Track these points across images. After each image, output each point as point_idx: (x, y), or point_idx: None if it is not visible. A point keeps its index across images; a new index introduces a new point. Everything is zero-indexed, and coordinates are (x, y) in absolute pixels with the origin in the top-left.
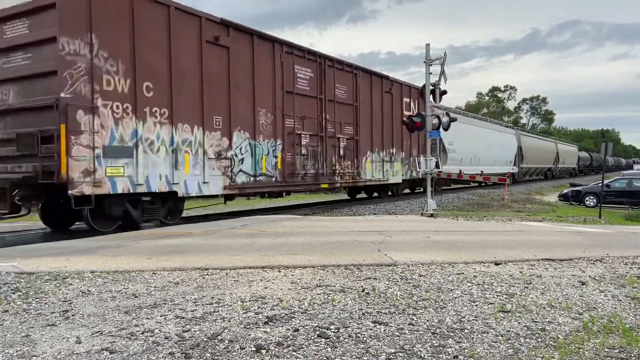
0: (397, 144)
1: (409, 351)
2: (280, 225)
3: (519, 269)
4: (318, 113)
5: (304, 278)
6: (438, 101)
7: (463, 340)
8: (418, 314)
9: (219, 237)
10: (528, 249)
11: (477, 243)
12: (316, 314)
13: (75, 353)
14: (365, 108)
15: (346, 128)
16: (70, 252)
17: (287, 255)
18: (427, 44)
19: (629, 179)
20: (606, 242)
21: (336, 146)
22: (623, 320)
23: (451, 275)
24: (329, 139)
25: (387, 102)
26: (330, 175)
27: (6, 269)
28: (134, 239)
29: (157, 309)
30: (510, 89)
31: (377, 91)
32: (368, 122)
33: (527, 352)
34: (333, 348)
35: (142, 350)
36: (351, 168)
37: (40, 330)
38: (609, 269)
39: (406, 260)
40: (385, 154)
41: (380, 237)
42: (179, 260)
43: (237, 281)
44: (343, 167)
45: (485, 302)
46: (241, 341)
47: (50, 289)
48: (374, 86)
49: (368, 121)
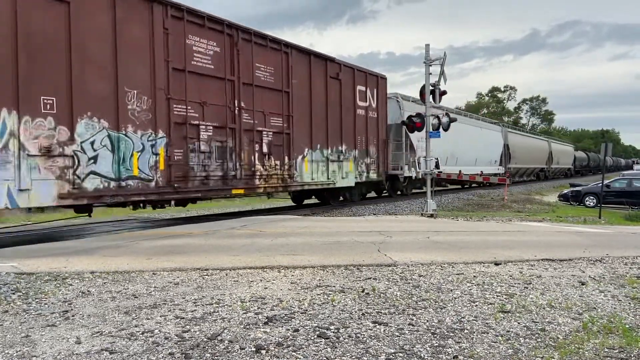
0: (349, 140)
1: (408, 351)
2: (280, 226)
3: (519, 269)
4: (228, 99)
5: (303, 278)
6: (438, 101)
7: (463, 340)
8: (418, 314)
9: (219, 237)
10: (528, 249)
11: (477, 243)
12: (316, 314)
13: (75, 353)
14: (301, 96)
15: (273, 119)
16: (70, 252)
17: (287, 255)
18: (427, 44)
19: (628, 179)
20: (606, 242)
21: (258, 142)
22: (623, 320)
23: (451, 275)
24: (245, 132)
25: (333, 89)
26: (248, 177)
27: (6, 269)
28: (134, 240)
29: (157, 310)
30: (510, 89)
31: (319, 76)
32: (306, 113)
33: (526, 352)
34: (333, 348)
35: (142, 351)
36: (281, 169)
37: (40, 331)
38: (608, 269)
39: (406, 261)
40: (332, 152)
41: (380, 238)
42: (178, 260)
43: (237, 281)
44: (268, 168)
45: (485, 303)
46: (241, 341)
47: (50, 289)
48: (315, 70)
49: (306, 112)
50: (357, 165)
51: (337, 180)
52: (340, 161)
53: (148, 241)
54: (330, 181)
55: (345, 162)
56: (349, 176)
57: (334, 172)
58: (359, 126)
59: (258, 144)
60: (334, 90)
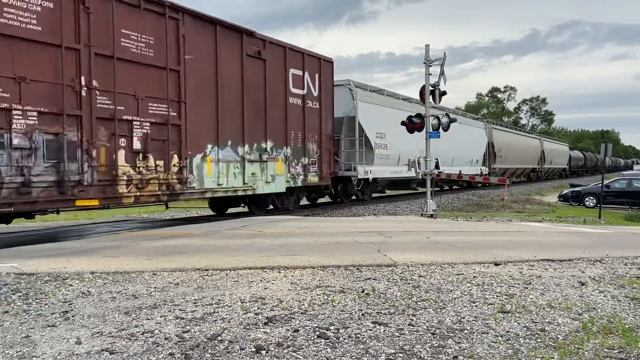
0: (277, 136)
1: (408, 352)
2: (280, 226)
3: (519, 269)
4: (69, 75)
5: (303, 279)
6: (438, 102)
7: (463, 340)
8: (418, 314)
9: (219, 237)
10: (528, 250)
11: (476, 244)
12: (316, 315)
13: (75, 354)
14: (202, 77)
15: (153, 106)
16: (70, 252)
17: (287, 256)
18: (427, 45)
19: (628, 179)
20: (606, 242)
21: (124, 135)
22: (622, 320)
23: (451, 275)
24: (102, 121)
25: (254, 71)
26: (105, 183)
27: (6, 269)
28: (134, 240)
29: (157, 310)
30: (510, 89)
31: (230, 53)
32: (209, 100)
33: (526, 353)
34: (333, 348)
35: (142, 351)
36: (165, 171)
37: (40, 331)
38: (608, 270)
39: (406, 261)
40: (251, 150)
41: (380, 238)
42: (179, 261)
43: (237, 282)
44: (143, 171)
45: (484, 303)
46: (241, 342)
47: (50, 289)
48: (225, 45)
49: (209, 98)
50: (290, 166)
51: (258, 185)
52: (264, 161)
53: (148, 241)
54: (248, 186)
55: (271, 163)
56: (276, 180)
57: (253, 175)
58: (292, 118)
59: (125, 139)
60: (255, 73)
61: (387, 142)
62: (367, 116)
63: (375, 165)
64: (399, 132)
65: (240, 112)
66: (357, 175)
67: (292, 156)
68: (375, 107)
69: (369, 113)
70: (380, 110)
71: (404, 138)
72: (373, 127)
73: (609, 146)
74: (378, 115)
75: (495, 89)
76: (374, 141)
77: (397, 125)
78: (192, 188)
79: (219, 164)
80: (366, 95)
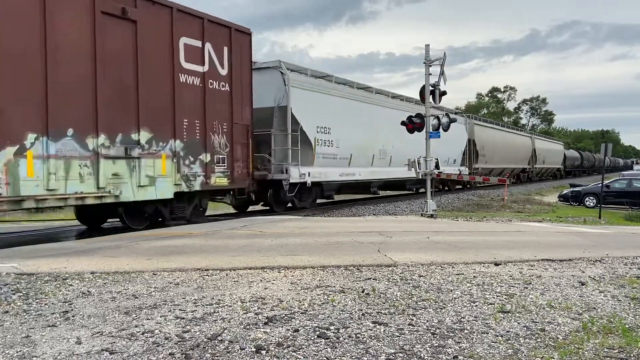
0: (160, 124)
1: (408, 351)
2: (280, 226)
3: (519, 269)
4: None
5: (303, 279)
6: (438, 102)
7: (463, 340)
8: (418, 314)
9: (219, 238)
10: (528, 250)
11: (476, 244)
12: (316, 315)
13: (75, 354)
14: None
15: None
16: (70, 253)
17: (287, 256)
18: (427, 45)
19: (628, 179)
20: (606, 242)
21: None
22: (622, 320)
23: (451, 275)
24: None
25: (116, 36)
26: None
27: (6, 269)
28: (134, 240)
29: (157, 310)
30: (510, 89)
31: (73, 8)
32: (35, 73)
33: (526, 353)
34: (333, 348)
35: (142, 351)
36: None
37: (40, 331)
38: (608, 270)
39: (406, 261)
40: (111, 143)
41: (380, 238)
42: (179, 261)
43: (237, 282)
44: None
45: (485, 303)
46: (241, 342)
47: (51, 289)
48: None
49: (35, 71)
50: (182, 164)
51: (124, 190)
52: (134, 158)
53: (148, 242)
54: (106, 192)
55: (147, 160)
56: (158, 183)
57: (116, 177)
58: (185, 102)
59: None
60: (119, 39)
61: (334, 138)
62: (304, 106)
63: (317, 167)
64: (351, 127)
65: (91, 90)
66: (288, 178)
67: (185, 152)
68: (317, 96)
69: (307, 102)
70: (325, 100)
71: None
72: (312, 119)
73: (609, 146)
74: (321, 106)
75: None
76: (315, 137)
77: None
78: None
79: (48, 161)
80: (303, 80)
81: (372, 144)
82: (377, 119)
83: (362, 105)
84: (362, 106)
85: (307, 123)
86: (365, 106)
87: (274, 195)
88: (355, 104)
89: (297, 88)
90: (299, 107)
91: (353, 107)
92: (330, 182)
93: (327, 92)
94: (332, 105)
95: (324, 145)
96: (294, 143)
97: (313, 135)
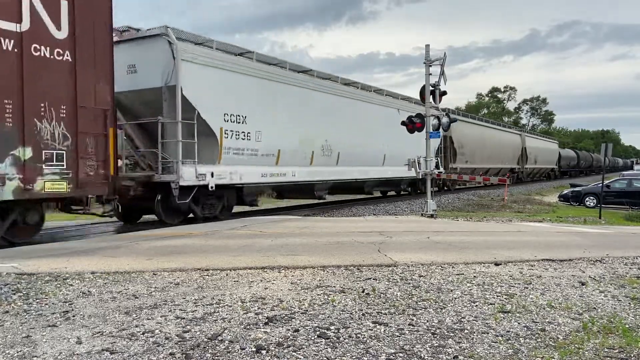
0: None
1: (409, 351)
2: (281, 226)
3: (519, 269)
4: None
5: (304, 279)
6: (438, 102)
7: (463, 340)
8: (418, 314)
9: (219, 237)
10: (528, 250)
11: (477, 244)
12: (316, 315)
13: (75, 354)
14: None
15: None
16: (70, 253)
17: (287, 256)
18: (427, 45)
19: (629, 179)
20: (606, 242)
21: None
22: (623, 320)
23: (451, 275)
24: None
25: None
26: None
27: (7, 270)
28: (134, 240)
29: (157, 310)
30: (510, 89)
31: None
32: None
33: (526, 353)
34: (333, 348)
35: (142, 351)
36: None
37: (40, 331)
38: (608, 270)
39: (406, 261)
40: None
41: (380, 238)
42: (179, 261)
43: (237, 282)
44: None
45: (485, 303)
46: (241, 341)
47: (51, 289)
48: None
49: None
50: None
51: None
52: None
53: (148, 242)
54: None
55: None
56: None
57: None
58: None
59: None
60: None
61: (253, 129)
62: (203, 87)
63: (225, 165)
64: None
65: None
66: (177, 180)
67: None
68: (226, 76)
69: (209, 82)
70: (238, 80)
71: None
72: (218, 104)
73: (609, 146)
74: (232, 89)
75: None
76: (221, 127)
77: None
78: None
79: None
80: (202, 54)
81: (311, 138)
82: (320, 108)
83: (298, 91)
84: (298, 92)
85: (207, 109)
86: (303, 92)
87: (163, 203)
88: (286, 89)
89: (191, 63)
90: (194, 88)
91: (283, 93)
92: (249, 185)
93: (241, 71)
94: (251, 89)
95: (236, 138)
96: (188, 134)
97: (218, 125)
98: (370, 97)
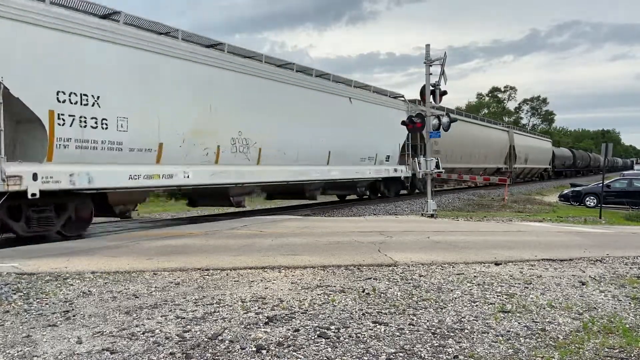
0: None
1: (409, 351)
2: (281, 226)
3: (519, 269)
4: None
5: (304, 278)
6: (438, 102)
7: (463, 340)
8: (418, 314)
9: (220, 237)
10: (528, 249)
11: (477, 243)
12: (316, 314)
13: (76, 353)
14: None
15: None
16: (70, 252)
17: (287, 255)
18: (427, 45)
19: (629, 179)
20: (606, 242)
21: None
22: (623, 320)
23: (451, 275)
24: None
25: None
26: None
27: (7, 269)
28: (134, 240)
29: (157, 310)
30: (510, 89)
31: None
32: None
33: (527, 352)
34: (333, 348)
35: (142, 351)
36: None
37: (41, 331)
38: (609, 269)
39: (406, 261)
40: None
41: (380, 238)
42: (179, 260)
43: (237, 282)
44: None
45: (485, 302)
46: (242, 341)
47: (51, 289)
48: None
49: None
50: None
51: None
52: None
53: (148, 241)
54: None
55: None
56: None
57: None
58: None
59: None
60: None
61: (110, 114)
62: (15, 50)
63: (61, 163)
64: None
65: None
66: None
67: None
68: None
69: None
70: (81, 45)
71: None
72: (47, 78)
73: (610, 146)
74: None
75: (496, 89)
76: (52, 110)
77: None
78: None
79: None
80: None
81: (213, 128)
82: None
83: (198, 68)
84: (198, 70)
85: (26, 83)
86: (204, 71)
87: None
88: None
89: None
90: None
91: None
92: (114, 191)
93: (94, 35)
94: (110, 61)
95: (81, 126)
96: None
97: (45, 107)
98: (308, 81)
